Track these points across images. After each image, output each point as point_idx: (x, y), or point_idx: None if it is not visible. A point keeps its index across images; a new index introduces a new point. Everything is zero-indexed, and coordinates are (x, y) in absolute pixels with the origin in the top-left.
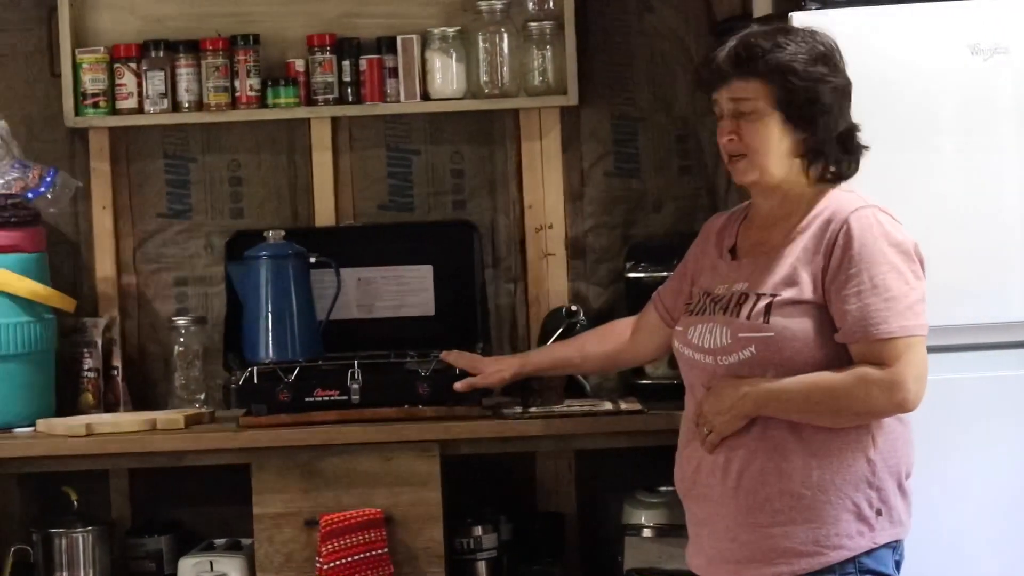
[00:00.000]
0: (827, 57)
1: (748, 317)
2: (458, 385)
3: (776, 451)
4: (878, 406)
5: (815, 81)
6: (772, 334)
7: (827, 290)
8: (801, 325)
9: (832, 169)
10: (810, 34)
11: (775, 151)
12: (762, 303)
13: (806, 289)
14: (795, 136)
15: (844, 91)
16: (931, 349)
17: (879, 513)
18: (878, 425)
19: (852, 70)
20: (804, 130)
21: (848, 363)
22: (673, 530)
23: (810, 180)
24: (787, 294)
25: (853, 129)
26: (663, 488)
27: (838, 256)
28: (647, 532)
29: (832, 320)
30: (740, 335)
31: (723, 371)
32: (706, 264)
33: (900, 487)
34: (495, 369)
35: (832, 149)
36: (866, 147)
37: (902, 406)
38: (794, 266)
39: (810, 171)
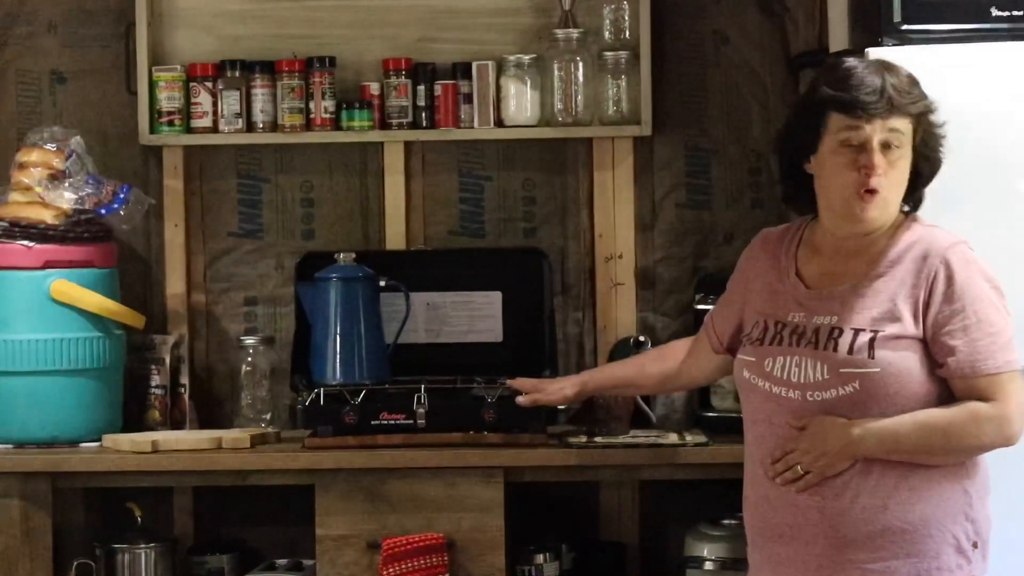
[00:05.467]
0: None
1: (849, 352)
2: (521, 399)
3: (877, 488)
4: (988, 442)
5: (938, 129)
6: (878, 370)
7: (928, 326)
8: (906, 361)
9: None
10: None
11: (902, 191)
12: (863, 338)
13: (908, 324)
14: (911, 178)
15: None
16: None
17: (975, 546)
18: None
19: None
20: (920, 173)
21: (946, 397)
22: (736, 564)
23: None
24: (891, 329)
25: None
26: (726, 521)
27: (940, 291)
28: (709, 565)
29: (931, 355)
30: (842, 370)
31: (815, 407)
32: (761, 287)
33: (988, 519)
34: (557, 387)
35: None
36: None
37: (1009, 440)
38: (893, 300)
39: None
